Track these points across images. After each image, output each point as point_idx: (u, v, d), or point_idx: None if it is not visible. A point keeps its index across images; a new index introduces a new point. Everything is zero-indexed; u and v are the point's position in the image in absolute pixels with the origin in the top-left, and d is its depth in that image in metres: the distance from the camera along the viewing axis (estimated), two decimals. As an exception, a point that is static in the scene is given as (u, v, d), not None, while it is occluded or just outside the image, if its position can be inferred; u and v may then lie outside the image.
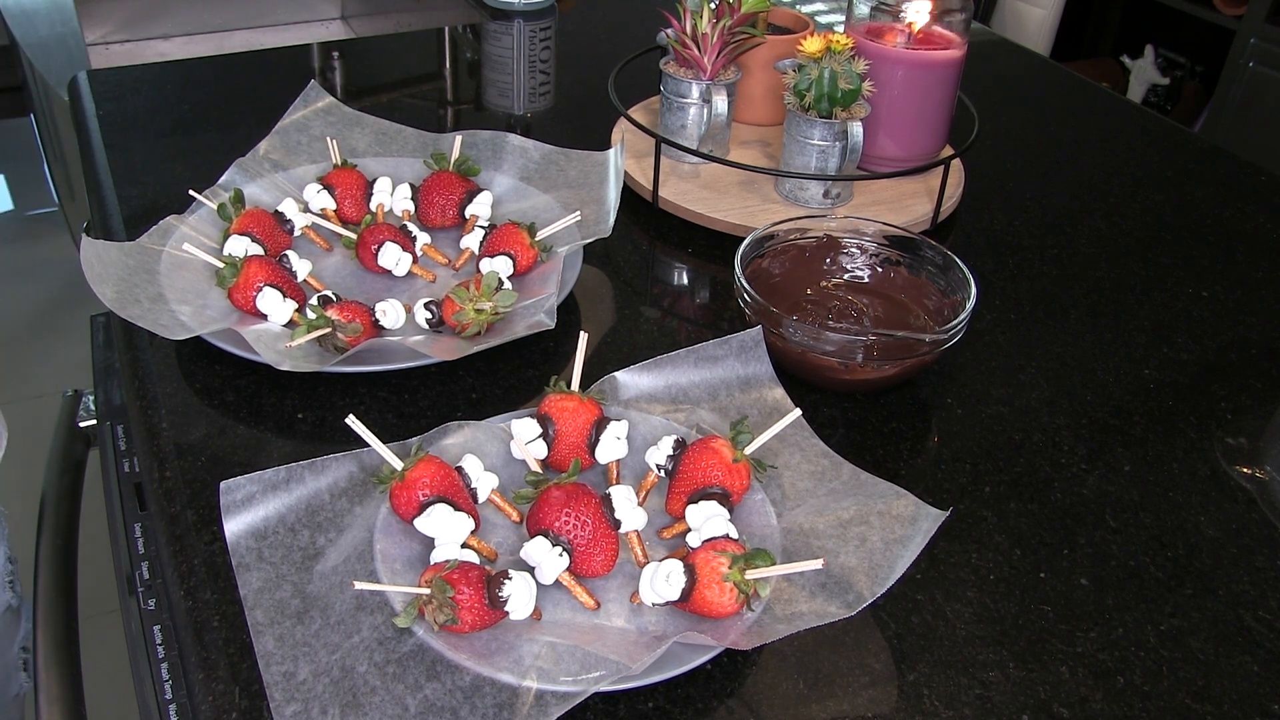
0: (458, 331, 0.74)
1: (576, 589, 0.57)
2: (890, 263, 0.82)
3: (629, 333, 0.81)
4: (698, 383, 0.71)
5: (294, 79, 1.04)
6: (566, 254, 0.81)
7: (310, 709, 0.51)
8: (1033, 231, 0.98)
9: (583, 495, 0.58)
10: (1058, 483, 0.70)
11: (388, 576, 0.56)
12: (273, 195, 0.88)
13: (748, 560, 0.54)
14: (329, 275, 0.83)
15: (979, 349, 0.81)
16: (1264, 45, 2.29)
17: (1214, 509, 0.68)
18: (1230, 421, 0.76)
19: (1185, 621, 0.61)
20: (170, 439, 0.68)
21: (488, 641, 0.54)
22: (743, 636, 0.54)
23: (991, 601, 0.61)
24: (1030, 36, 2.66)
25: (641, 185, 0.96)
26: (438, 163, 0.89)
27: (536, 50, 1.29)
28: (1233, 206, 1.04)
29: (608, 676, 0.51)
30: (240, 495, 0.59)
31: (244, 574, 0.57)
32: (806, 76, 0.89)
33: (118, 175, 0.96)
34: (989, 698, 0.56)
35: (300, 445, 0.68)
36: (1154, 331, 0.85)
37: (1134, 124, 1.22)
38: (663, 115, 0.99)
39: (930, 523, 0.58)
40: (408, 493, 0.58)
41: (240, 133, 1.00)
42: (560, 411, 0.64)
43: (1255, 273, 0.94)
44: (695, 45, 0.94)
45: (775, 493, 0.64)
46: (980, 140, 1.02)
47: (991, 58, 1.38)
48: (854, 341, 0.71)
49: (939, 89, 0.95)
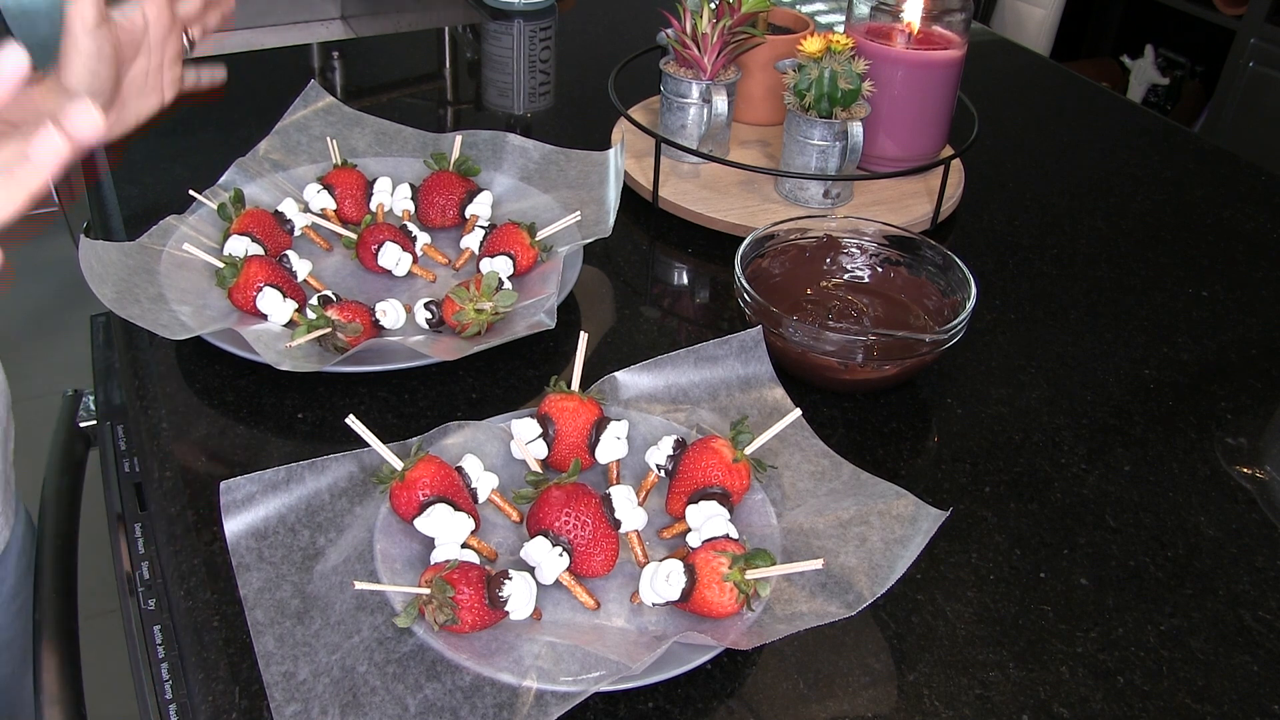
0: (458, 331, 0.74)
1: (576, 589, 0.57)
2: (890, 263, 0.82)
3: (629, 333, 0.81)
4: (698, 383, 0.71)
5: (294, 79, 1.04)
6: (566, 254, 0.81)
7: (310, 709, 0.51)
8: (1033, 231, 0.98)
9: (583, 495, 0.58)
10: (1058, 483, 0.70)
11: (388, 576, 0.56)
12: (273, 195, 0.88)
13: (748, 560, 0.54)
14: (329, 275, 0.83)
15: (979, 349, 0.81)
16: (1264, 45, 2.29)
17: (1214, 509, 0.68)
18: (1230, 421, 0.76)
19: (1185, 621, 0.61)
20: (170, 439, 0.68)
21: (488, 641, 0.54)
22: (743, 636, 0.54)
23: (991, 601, 0.61)
24: (1030, 36, 2.66)
25: (641, 185, 0.96)
26: (438, 163, 0.89)
27: (536, 50, 1.29)
28: (1233, 206, 1.04)
29: (608, 676, 0.51)
30: (240, 495, 0.59)
31: (244, 574, 0.57)
32: (806, 76, 0.89)
33: (118, 175, 0.96)
34: (989, 698, 0.56)
35: (300, 445, 0.68)
36: (1154, 331, 0.85)
37: (1134, 124, 1.22)
38: (663, 115, 0.99)
39: (930, 523, 0.58)
40: (408, 493, 0.58)
41: (240, 133, 1.00)
42: (560, 411, 0.64)
43: (1255, 273, 0.94)
44: (695, 45, 0.94)
45: (775, 493, 0.64)
46: (980, 140, 1.01)
47: (991, 58, 1.38)
48: (854, 341, 0.71)
49: (939, 89, 0.95)
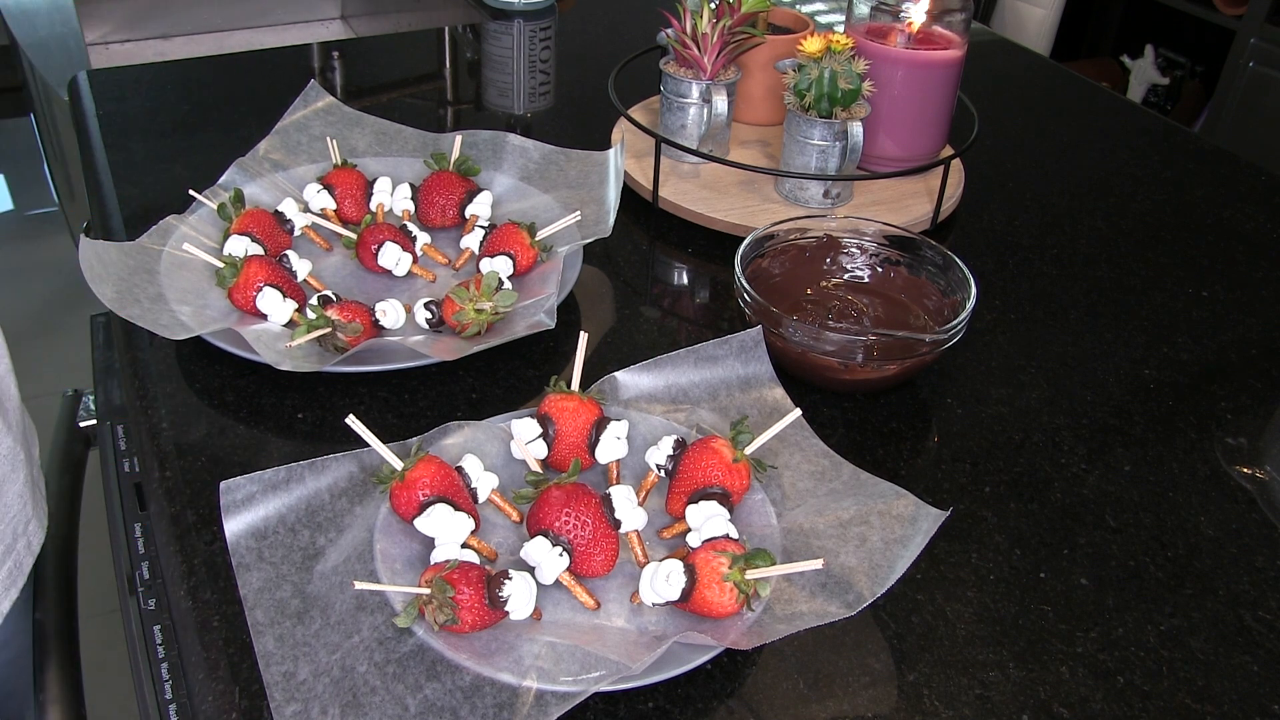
0: (458, 331, 0.74)
1: (576, 589, 0.57)
2: (890, 263, 0.82)
3: (629, 333, 0.81)
4: (698, 383, 0.71)
5: (294, 79, 1.04)
6: (566, 254, 0.81)
7: (310, 709, 0.51)
8: (1033, 231, 0.98)
9: (583, 495, 0.58)
10: (1058, 483, 0.70)
11: (388, 576, 0.56)
12: (273, 195, 0.88)
13: (748, 560, 0.54)
14: (329, 275, 0.83)
15: (979, 349, 0.81)
16: (1264, 45, 2.29)
17: (1214, 509, 0.68)
18: (1230, 421, 0.76)
19: (1185, 621, 0.61)
20: (170, 439, 0.68)
21: (488, 641, 0.54)
22: (743, 636, 0.54)
23: (991, 601, 0.61)
24: (1030, 36, 2.66)
25: (641, 185, 0.96)
26: (438, 163, 0.89)
27: (536, 50, 1.29)
28: (1233, 206, 1.04)
29: (608, 676, 0.51)
30: (240, 495, 0.59)
31: (244, 574, 0.57)
32: (806, 76, 0.89)
33: (118, 175, 0.96)
34: (989, 698, 0.56)
35: (300, 445, 0.68)
36: (1154, 331, 0.85)
37: (1134, 124, 1.22)
38: (663, 115, 0.99)
39: (930, 523, 0.58)
40: (408, 493, 0.58)
41: (240, 133, 1.00)
42: (560, 411, 0.64)
43: (1255, 273, 0.94)
44: (695, 45, 0.94)
45: (775, 493, 0.64)
46: (980, 140, 1.02)
47: (991, 58, 1.38)
48: (854, 341, 0.71)
49: (939, 89, 0.95)
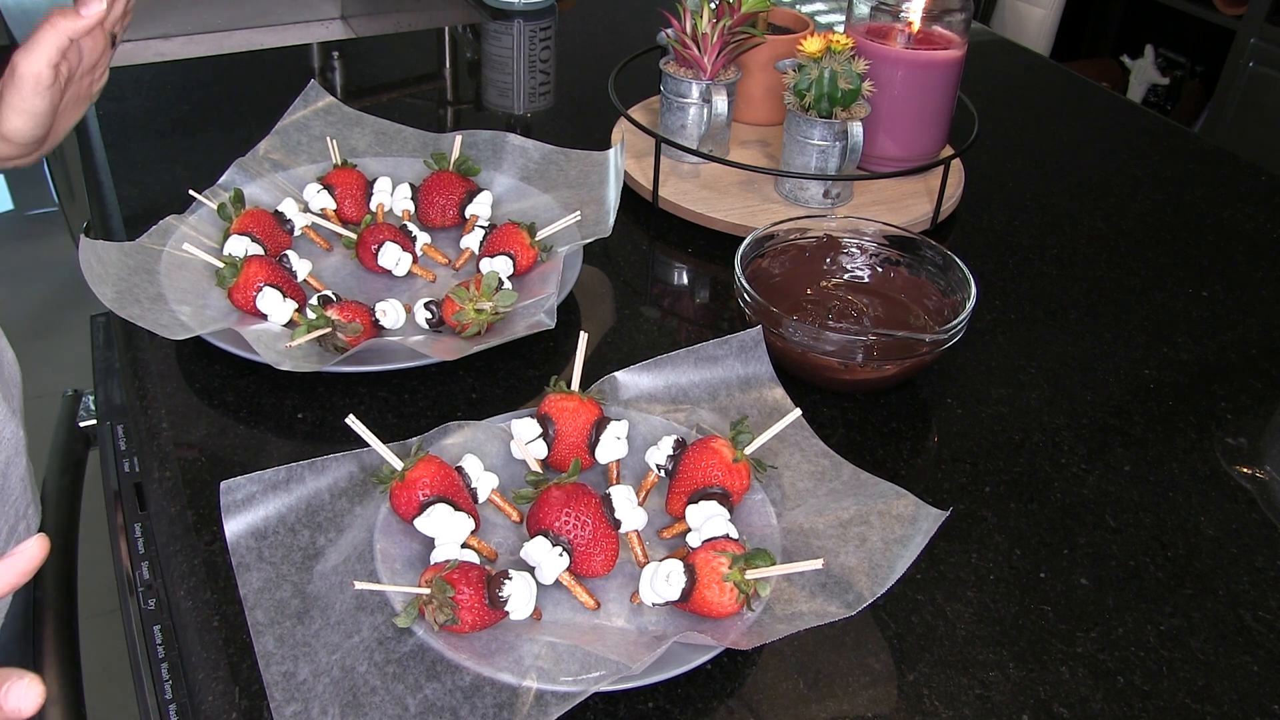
0: (458, 331, 0.74)
1: (576, 589, 0.57)
2: (890, 263, 0.82)
3: (629, 333, 0.81)
4: (698, 383, 0.71)
5: (294, 79, 1.04)
6: (566, 254, 0.81)
7: (310, 709, 0.51)
8: (1033, 231, 0.98)
9: (583, 495, 0.58)
10: (1058, 483, 0.70)
11: (388, 576, 0.56)
12: (273, 195, 0.88)
13: (748, 560, 0.54)
14: (329, 275, 0.83)
15: (979, 349, 0.81)
16: (1264, 45, 2.29)
17: (1214, 509, 0.68)
18: (1230, 421, 0.76)
19: (1185, 621, 0.61)
20: (170, 439, 0.68)
21: (488, 641, 0.54)
22: (743, 636, 0.54)
23: (991, 601, 0.61)
24: (1030, 36, 2.66)
25: (641, 185, 0.96)
26: (438, 163, 0.89)
27: (536, 50, 1.29)
28: (1233, 206, 1.04)
29: (608, 676, 0.51)
30: (240, 495, 0.59)
31: (244, 574, 0.57)
32: (806, 76, 0.89)
33: (118, 175, 0.96)
34: (989, 698, 0.56)
35: (300, 445, 0.68)
36: (1154, 331, 0.85)
37: (1134, 124, 1.22)
38: (663, 115, 0.99)
39: (930, 523, 0.58)
40: (408, 493, 0.58)
41: (240, 133, 1.00)
42: (560, 411, 0.64)
43: (1255, 273, 0.94)
44: (695, 45, 0.94)
45: (775, 493, 0.64)
46: (980, 140, 1.01)
47: (991, 58, 1.38)
48: (854, 341, 0.71)
49: (939, 89, 0.95)
